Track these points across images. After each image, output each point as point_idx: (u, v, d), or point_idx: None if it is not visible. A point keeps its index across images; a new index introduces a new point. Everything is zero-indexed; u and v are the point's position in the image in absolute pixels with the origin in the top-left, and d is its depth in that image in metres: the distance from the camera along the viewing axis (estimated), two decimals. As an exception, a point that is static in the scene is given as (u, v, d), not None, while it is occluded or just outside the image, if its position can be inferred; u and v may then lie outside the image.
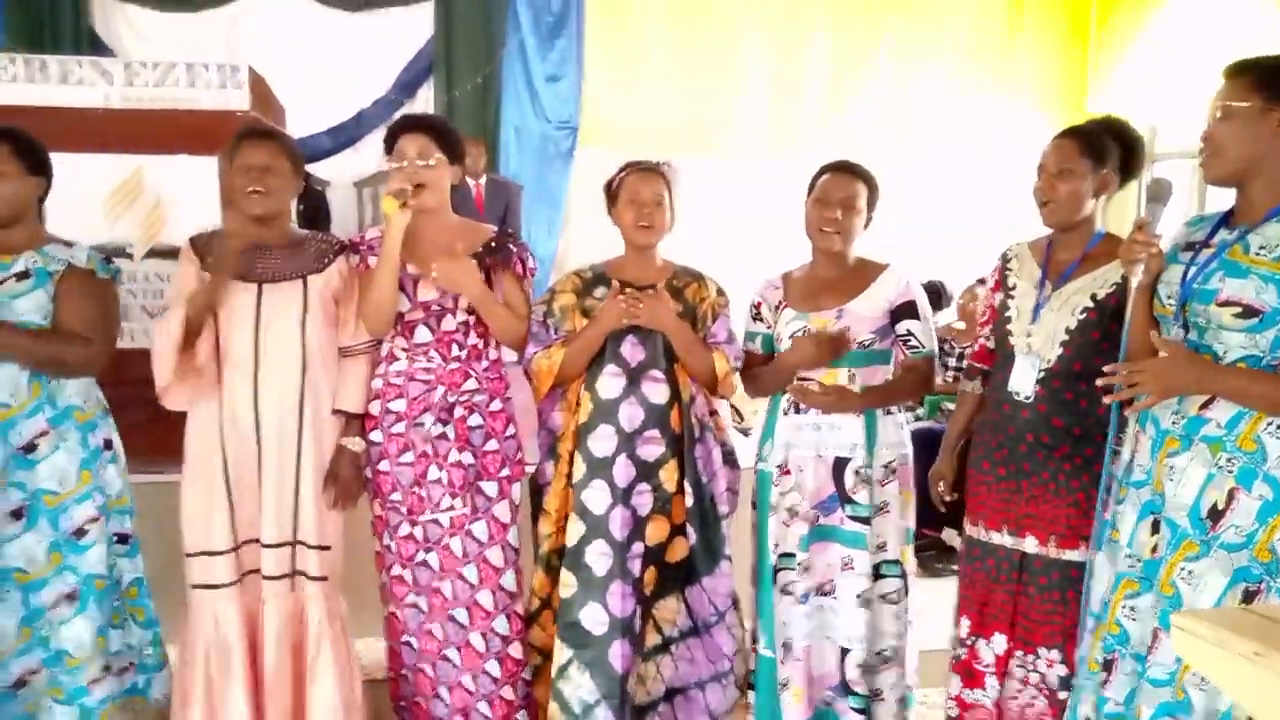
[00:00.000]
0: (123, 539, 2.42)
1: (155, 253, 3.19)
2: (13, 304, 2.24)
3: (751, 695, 2.54)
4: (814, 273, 2.52)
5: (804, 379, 2.43)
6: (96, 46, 5.59)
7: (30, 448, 2.26)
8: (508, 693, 2.49)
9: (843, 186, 2.43)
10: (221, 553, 2.34)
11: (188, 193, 3.20)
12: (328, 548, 2.41)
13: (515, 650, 2.50)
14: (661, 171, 2.50)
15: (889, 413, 2.46)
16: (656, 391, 2.43)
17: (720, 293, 2.56)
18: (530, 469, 2.62)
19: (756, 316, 2.57)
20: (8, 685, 2.28)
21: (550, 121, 6.07)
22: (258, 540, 2.37)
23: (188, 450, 2.38)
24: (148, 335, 2.57)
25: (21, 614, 2.28)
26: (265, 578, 2.37)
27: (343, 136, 5.92)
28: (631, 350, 2.43)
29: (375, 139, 6.15)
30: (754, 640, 2.54)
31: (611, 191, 2.54)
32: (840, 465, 2.40)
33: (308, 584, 2.39)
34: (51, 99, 3.08)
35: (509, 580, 2.49)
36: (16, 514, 2.25)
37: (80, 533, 2.32)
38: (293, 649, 2.40)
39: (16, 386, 2.25)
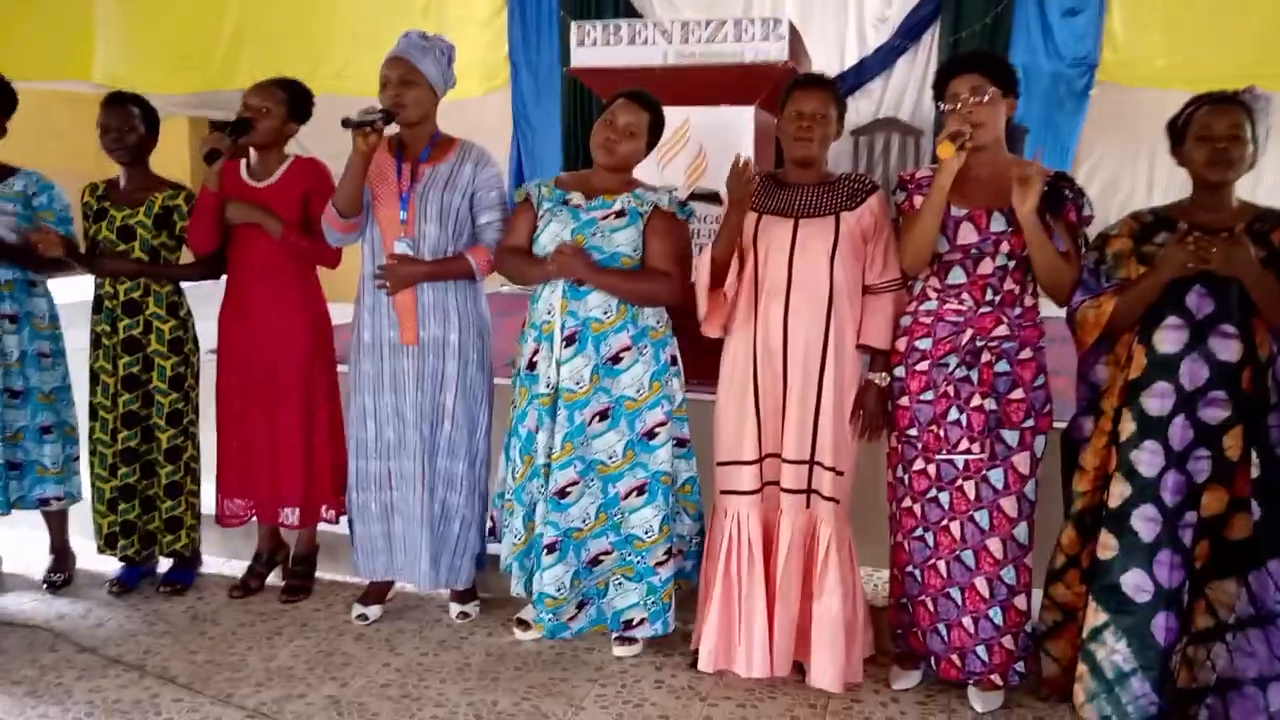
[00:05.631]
0: (680, 443, 2.75)
1: (696, 195, 3.50)
2: (612, 236, 2.64)
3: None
4: None
5: None
6: (632, 15, 6.20)
7: (616, 359, 2.66)
8: (1008, 641, 2.45)
9: None
10: (748, 463, 2.57)
11: (725, 140, 3.46)
12: (841, 472, 2.54)
13: (1020, 602, 2.45)
14: (1241, 100, 2.23)
15: None
16: (1225, 348, 2.20)
17: None
18: (1060, 424, 2.52)
19: None
20: (586, 562, 2.71)
21: (1064, 59, 5.63)
22: (778, 455, 2.56)
23: (724, 371, 2.63)
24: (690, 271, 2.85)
25: (600, 501, 2.69)
26: (783, 490, 2.56)
27: (844, 85, 5.95)
28: (1198, 301, 2.21)
29: (874, 87, 6.16)
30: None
31: (1178, 129, 2.31)
32: None
33: (821, 503, 2.55)
34: (622, 60, 3.49)
35: (1022, 532, 2.44)
36: (603, 415, 2.65)
37: (651, 435, 2.68)
38: (803, 561, 2.58)
39: (608, 306, 2.65)
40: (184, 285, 3.23)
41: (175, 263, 3.18)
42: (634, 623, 2.76)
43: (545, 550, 2.66)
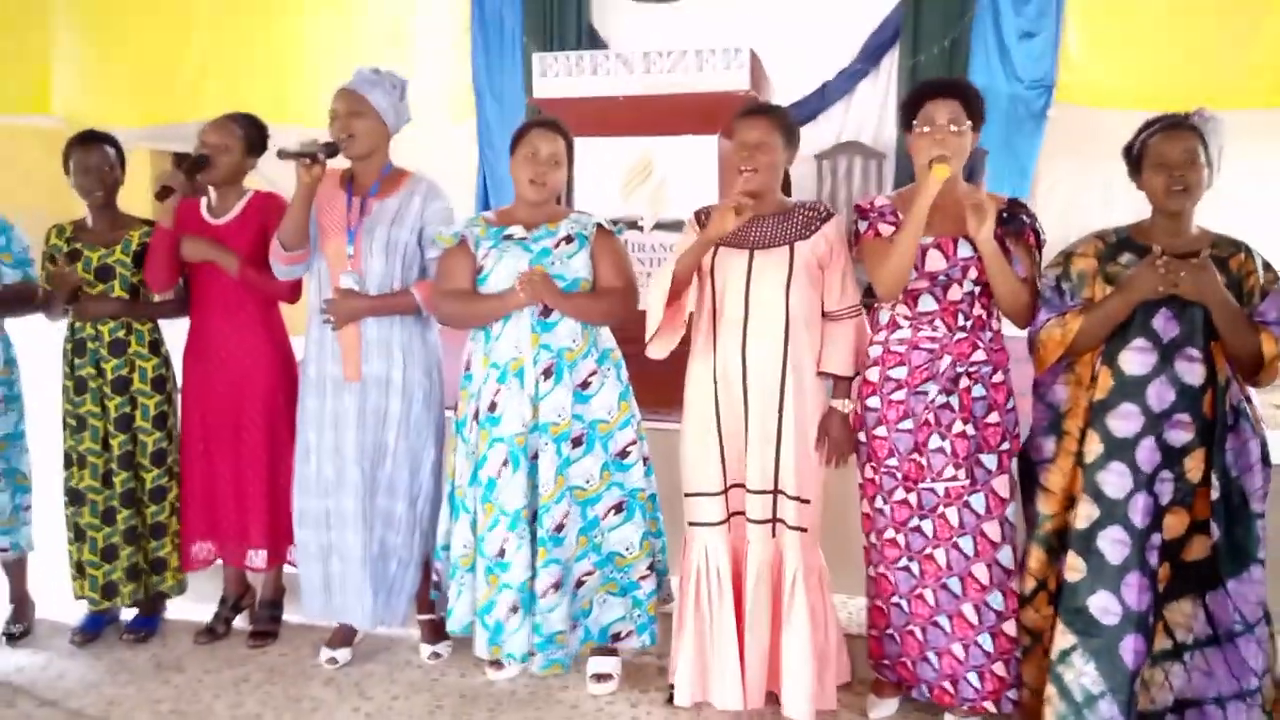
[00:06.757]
0: (644, 460, 2.76)
1: (660, 225, 3.51)
2: (569, 262, 2.64)
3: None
4: None
5: None
6: (594, 41, 6.23)
7: (585, 385, 2.66)
8: (999, 668, 2.44)
9: None
10: (712, 494, 2.56)
11: (689, 170, 3.49)
12: (806, 501, 2.53)
13: (1009, 627, 2.44)
14: (1192, 125, 2.26)
15: None
16: (1191, 371, 2.22)
17: (1269, 268, 2.27)
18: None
19: None
20: (572, 586, 2.68)
21: (1021, 81, 5.72)
22: (743, 485, 2.56)
23: (687, 402, 2.63)
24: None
25: (580, 525, 2.68)
26: (749, 520, 2.55)
27: (806, 109, 6.03)
28: (1165, 324, 2.23)
29: (836, 112, 6.22)
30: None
31: (1134, 155, 2.34)
32: None
33: (786, 532, 2.54)
34: (585, 90, 3.50)
35: (1005, 556, 2.44)
36: (577, 441, 2.65)
37: (624, 454, 2.70)
38: (771, 591, 2.56)
39: (576, 333, 2.65)
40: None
41: (153, 300, 3.14)
42: (621, 635, 2.77)
43: (552, 589, 2.61)
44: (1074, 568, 2.32)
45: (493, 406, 2.66)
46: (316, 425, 2.89)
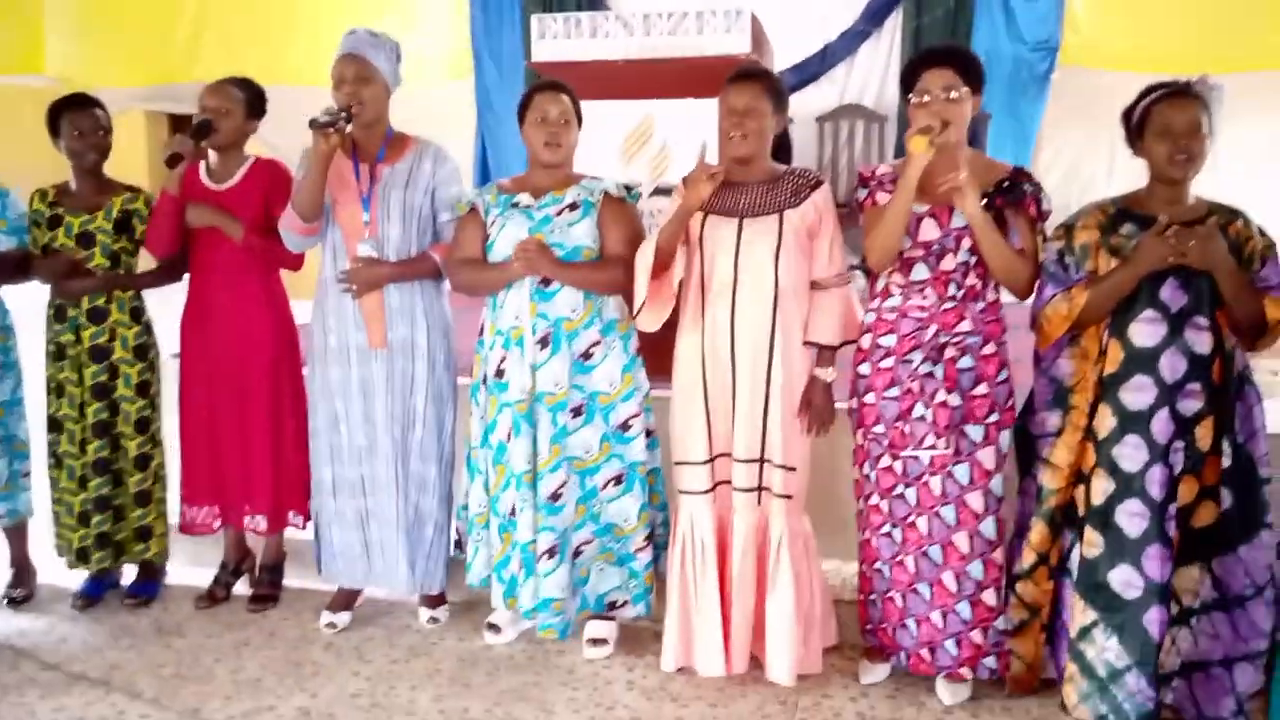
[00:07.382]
0: (647, 433, 2.77)
1: (659, 191, 3.48)
2: (570, 230, 2.63)
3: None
4: None
5: None
6: (595, 3, 6.13)
7: (586, 355, 2.66)
8: (976, 636, 2.47)
9: None
10: (698, 463, 2.57)
11: (689, 134, 3.43)
12: (792, 468, 2.53)
13: (989, 597, 2.46)
14: (1197, 93, 2.24)
15: None
16: (1200, 340, 2.22)
17: (1264, 234, 2.27)
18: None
19: None
20: (570, 554, 2.71)
21: (1026, 43, 5.63)
22: (730, 454, 2.56)
23: (675, 371, 2.63)
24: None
25: (579, 494, 2.69)
26: (735, 489, 2.56)
27: (807, 71, 5.95)
28: (1172, 294, 2.22)
29: (838, 74, 6.13)
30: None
31: (1133, 122, 2.32)
32: None
33: (772, 500, 2.55)
34: (584, 53, 3.45)
35: (988, 527, 2.44)
36: (576, 411, 2.65)
37: (625, 426, 2.70)
38: (757, 558, 2.59)
39: (576, 303, 2.64)
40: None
41: (134, 268, 3.12)
42: (617, 604, 2.80)
43: (546, 555, 2.65)
44: (1091, 543, 2.31)
45: (500, 373, 2.68)
46: (343, 394, 2.88)
